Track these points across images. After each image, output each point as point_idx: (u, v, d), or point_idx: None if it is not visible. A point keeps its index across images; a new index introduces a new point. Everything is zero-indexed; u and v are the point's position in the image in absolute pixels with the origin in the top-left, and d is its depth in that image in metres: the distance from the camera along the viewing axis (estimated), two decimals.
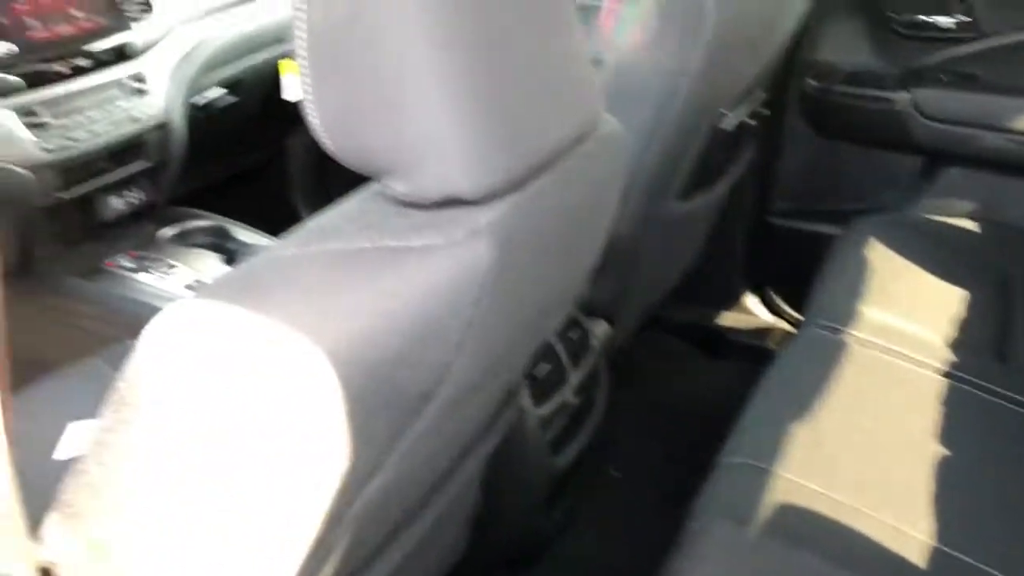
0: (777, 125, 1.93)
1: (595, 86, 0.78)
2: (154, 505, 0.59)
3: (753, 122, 1.65)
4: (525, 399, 1.27)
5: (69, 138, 1.45)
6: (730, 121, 1.50)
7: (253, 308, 0.55)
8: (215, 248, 1.69)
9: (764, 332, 2.07)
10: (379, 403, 0.61)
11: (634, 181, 1.37)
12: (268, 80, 1.84)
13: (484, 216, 0.64)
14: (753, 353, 1.94)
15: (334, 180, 0.68)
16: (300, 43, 0.61)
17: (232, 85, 1.81)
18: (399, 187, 0.65)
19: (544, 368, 1.35)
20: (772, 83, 1.75)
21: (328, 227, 0.65)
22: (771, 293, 2.09)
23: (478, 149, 0.63)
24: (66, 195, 1.49)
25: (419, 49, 0.60)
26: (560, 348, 1.40)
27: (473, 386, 0.74)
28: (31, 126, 1.40)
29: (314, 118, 0.63)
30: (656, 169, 1.37)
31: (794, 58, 1.85)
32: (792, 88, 1.92)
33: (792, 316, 2.04)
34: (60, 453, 0.64)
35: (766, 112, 1.75)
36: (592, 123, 0.78)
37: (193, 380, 0.56)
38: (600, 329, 1.52)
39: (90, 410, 0.63)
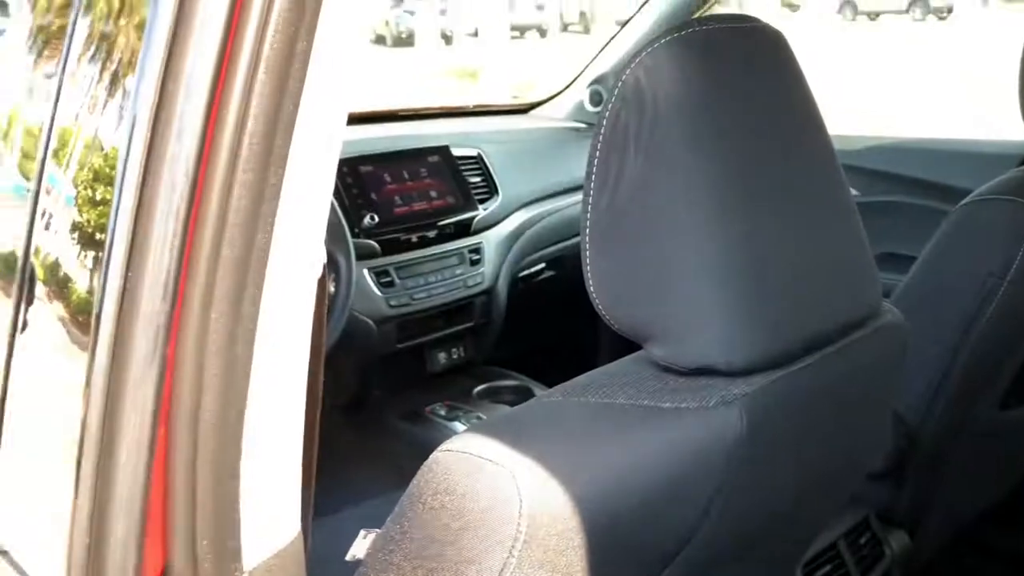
0: None
1: (873, 274, 0.79)
2: None
3: None
4: None
5: (411, 297, 1.68)
6: None
7: (511, 446, 0.62)
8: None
9: None
10: (620, 555, 0.64)
11: (941, 383, 1.30)
12: None
13: (739, 387, 0.67)
14: None
15: (637, 349, 0.75)
16: (585, 223, 0.70)
17: (553, 261, 1.98)
18: (659, 352, 0.70)
19: (825, 570, 1.28)
20: None
21: (592, 382, 0.71)
22: None
23: (737, 326, 0.67)
24: (402, 346, 1.70)
25: (688, 232, 0.67)
26: (846, 552, 1.32)
27: (720, 560, 0.75)
28: (381, 285, 1.64)
29: (591, 286, 0.71)
30: (968, 373, 1.30)
31: None
32: None
33: None
34: (349, 555, 0.74)
35: None
36: (868, 311, 0.79)
37: (457, 505, 0.64)
38: (898, 540, 1.42)
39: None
